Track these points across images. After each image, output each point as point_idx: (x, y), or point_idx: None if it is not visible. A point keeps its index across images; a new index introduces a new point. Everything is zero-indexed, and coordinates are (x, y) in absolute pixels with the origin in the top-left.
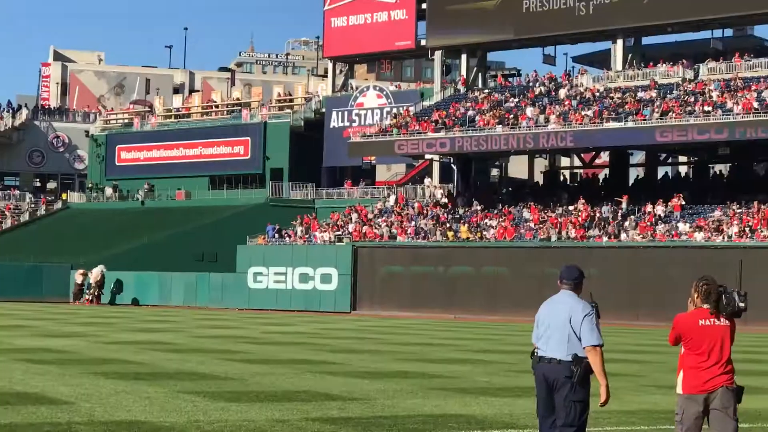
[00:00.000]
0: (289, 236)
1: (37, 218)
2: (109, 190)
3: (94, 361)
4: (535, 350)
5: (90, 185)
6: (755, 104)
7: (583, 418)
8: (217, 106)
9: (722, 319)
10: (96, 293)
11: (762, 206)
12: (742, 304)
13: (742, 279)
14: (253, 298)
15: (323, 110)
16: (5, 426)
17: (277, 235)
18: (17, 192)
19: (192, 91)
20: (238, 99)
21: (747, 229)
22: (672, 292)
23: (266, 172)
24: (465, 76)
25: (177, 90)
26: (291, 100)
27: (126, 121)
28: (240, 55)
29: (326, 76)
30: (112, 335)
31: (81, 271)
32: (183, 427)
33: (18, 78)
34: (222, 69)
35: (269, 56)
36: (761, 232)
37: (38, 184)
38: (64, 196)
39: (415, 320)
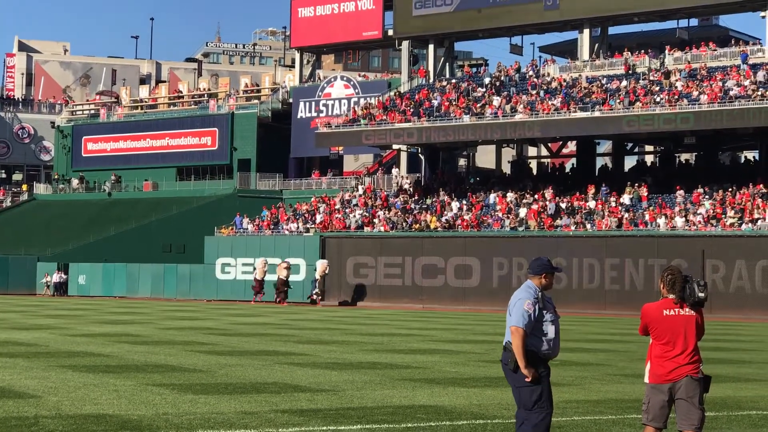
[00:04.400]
0: (259, 227)
1: (3, 210)
2: (75, 182)
3: (62, 353)
4: None
5: (56, 176)
6: (720, 93)
7: (533, 398)
8: (183, 97)
9: (687, 309)
10: (321, 290)
11: (727, 195)
12: (701, 294)
13: (708, 267)
14: (221, 289)
15: (290, 100)
16: None
17: (245, 226)
18: None
19: (158, 81)
20: (205, 89)
21: (712, 218)
22: (638, 281)
23: (234, 163)
24: (432, 66)
25: (143, 81)
26: (258, 91)
27: (92, 111)
28: (207, 45)
29: (293, 67)
30: (80, 327)
31: (263, 262)
32: (151, 420)
33: None
34: (189, 59)
35: (236, 46)
36: (726, 220)
37: (3, 175)
38: (24, 187)
39: (383, 310)
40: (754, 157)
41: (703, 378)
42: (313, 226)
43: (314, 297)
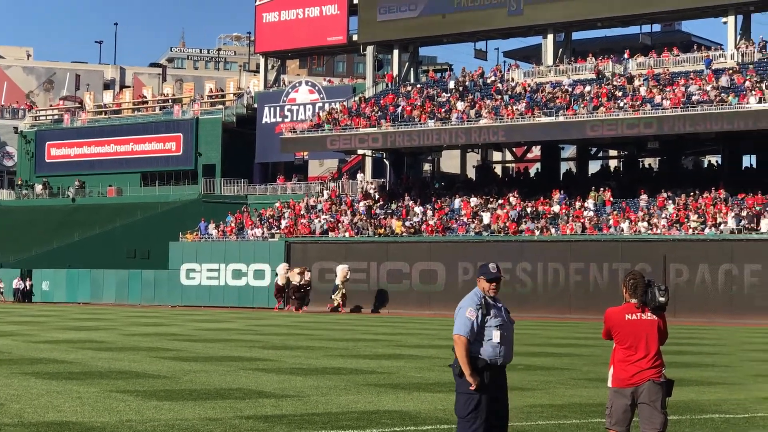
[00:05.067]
0: (224, 232)
1: None
2: (39, 187)
3: (25, 360)
4: None
5: (19, 182)
6: (683, 98)
7: (469, 407)
8: (148, 102)
9: (649, 314)
10: (343, 297)
11: (690, 199)
12: (662, 299)
13: (671, 271)
14: (186, 295)
15: (255, 106)
16: None
17: (209, 231)
18: None
19: (123, 86)
20: (169, 95)
21: (675, 222)
22: (602, 285)
23: (198, 168)
24: (397, 71)
25: (107, 86)
26: (223, 96)
27: (56, 117)
28: (171, 50)
29: (258, 72)
30: (43, 334)
31: (284, 268)
32: (114, 427)
33: None
34: (153, 65)
35: (200, 52)
36: (689, 225)
37: None
38: None
39: (348, 315)
40: (716, 161)
41: (666, 382)
42: (278, 231)
43: (335, 304)
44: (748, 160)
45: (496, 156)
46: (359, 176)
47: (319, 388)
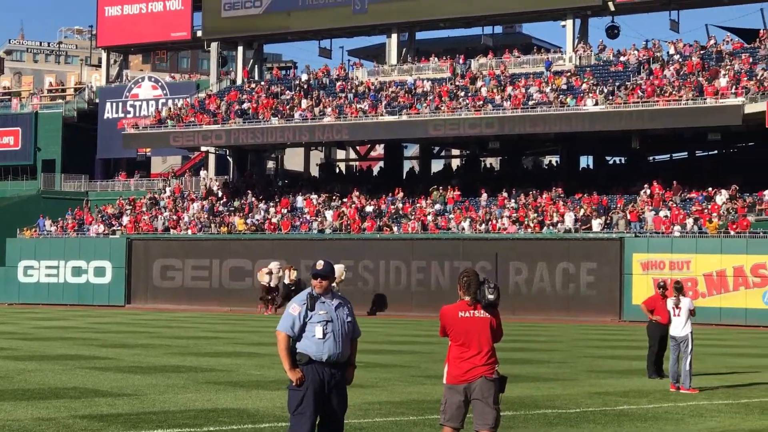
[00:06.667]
0: (64, 229)
1: None
2: None
3: None
4: None
5: None
6: (523, 99)
7: (294, 403)
8: None
9: (481, 311)
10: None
11: (529, 198)
12: (491, 296)
13: (511, 270)
14: (24, 293)
15: (97, 101)
16: None
17: (48, 228)
18: None
19: None
20: (7, 88)
21: (515, 221)
22: (444, 283)
23: (37, 163)
24: (241, 68)
25: None
26: (63, 90)
27: None
28: (9, 42)
29: (100, 66)
30: None
31: (267, 269)
32: None
33: None
34: None
35: (40, 44)
36: (528, 223)
37: None
38: None
39: (189, 314)
40: (556, 161)
41: (498, 378)
42: (119, 228)
43: None
44: (586, 161)
45: (340, 154)
46: (202, 173)
47: (157, 386)
